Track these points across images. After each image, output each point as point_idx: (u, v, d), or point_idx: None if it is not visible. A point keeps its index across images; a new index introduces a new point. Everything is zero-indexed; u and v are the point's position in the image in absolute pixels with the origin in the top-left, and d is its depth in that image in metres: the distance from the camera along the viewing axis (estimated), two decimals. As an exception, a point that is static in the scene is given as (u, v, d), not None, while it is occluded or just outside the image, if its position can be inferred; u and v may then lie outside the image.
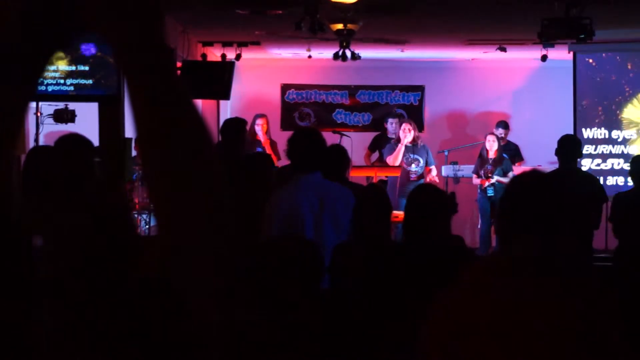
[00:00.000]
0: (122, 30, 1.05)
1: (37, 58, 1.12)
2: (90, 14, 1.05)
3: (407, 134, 9.81)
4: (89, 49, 6.66)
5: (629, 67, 10.23)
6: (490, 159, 10.14)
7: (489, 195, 10.10)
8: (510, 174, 10.24)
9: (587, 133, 10.24)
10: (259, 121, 10.21)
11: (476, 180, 10.28)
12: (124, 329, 1.22)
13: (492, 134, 10.44)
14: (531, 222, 2.37)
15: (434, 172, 10.05)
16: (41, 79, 1.19)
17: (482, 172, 10.13)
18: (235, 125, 6.53)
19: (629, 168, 9.83)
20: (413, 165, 9.83)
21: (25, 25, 1.09)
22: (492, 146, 10.16)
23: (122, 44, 1.06)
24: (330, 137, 9.53)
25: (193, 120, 1.07)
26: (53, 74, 6.48)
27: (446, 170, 10.94)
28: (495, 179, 10.05)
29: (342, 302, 3.96)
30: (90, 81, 6.96)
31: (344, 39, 9.14)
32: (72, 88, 6.98)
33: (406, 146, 9.84)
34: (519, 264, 2.34)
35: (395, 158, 9.83)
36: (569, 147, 6.67)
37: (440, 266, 4.06)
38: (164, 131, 1.05)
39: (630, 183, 9.81)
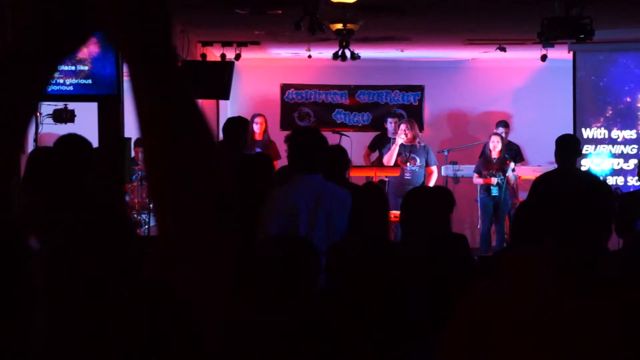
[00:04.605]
0: (129, 31, 1.05)
1: (50, 58, 1.11)
2: (99, 15, 1.05)
3: (402, 134, 9.84)
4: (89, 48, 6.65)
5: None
6: (495, 158, 10.13)
7: (493, 195, 10.08)
8: (512, 175, 10.22)
9: (587, 133, 10.23)
10: (257, 120, 10.22)
11: (477, 180, 10.26)
12: (123, 330, 1.22)
13: (497, 134, 10.43)
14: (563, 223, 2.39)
15: (435, 176, 10.02)
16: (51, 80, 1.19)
17: (489, 171, 10.10)
18: (238, 124, 6.53)
19: (633, 168, 9.84)
20: (409, 164, 9.84)
21: (41, 26, 1.08)
22: (496, 147, 10.16)
23: (129, 45, 1.05)
24: (329, 137, 9.52)
25: (197, 120, 1.07)
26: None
27: (446, 170, 10.96)
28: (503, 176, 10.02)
29: (340, 302, 3.96)
30: (89, 81, 6.95)
31: (344, 39, 9.13)
32: (71, 88, 6.97)
33: (404, 145, 9.85)
34: (547, 265, 2.35)
35: (390, 157, 9.85)
36: (568, 147, 6.65)
37: (439, 264, 4.06)
38: (168, 131, 1.05)
39: (630, 183, 9.86)
